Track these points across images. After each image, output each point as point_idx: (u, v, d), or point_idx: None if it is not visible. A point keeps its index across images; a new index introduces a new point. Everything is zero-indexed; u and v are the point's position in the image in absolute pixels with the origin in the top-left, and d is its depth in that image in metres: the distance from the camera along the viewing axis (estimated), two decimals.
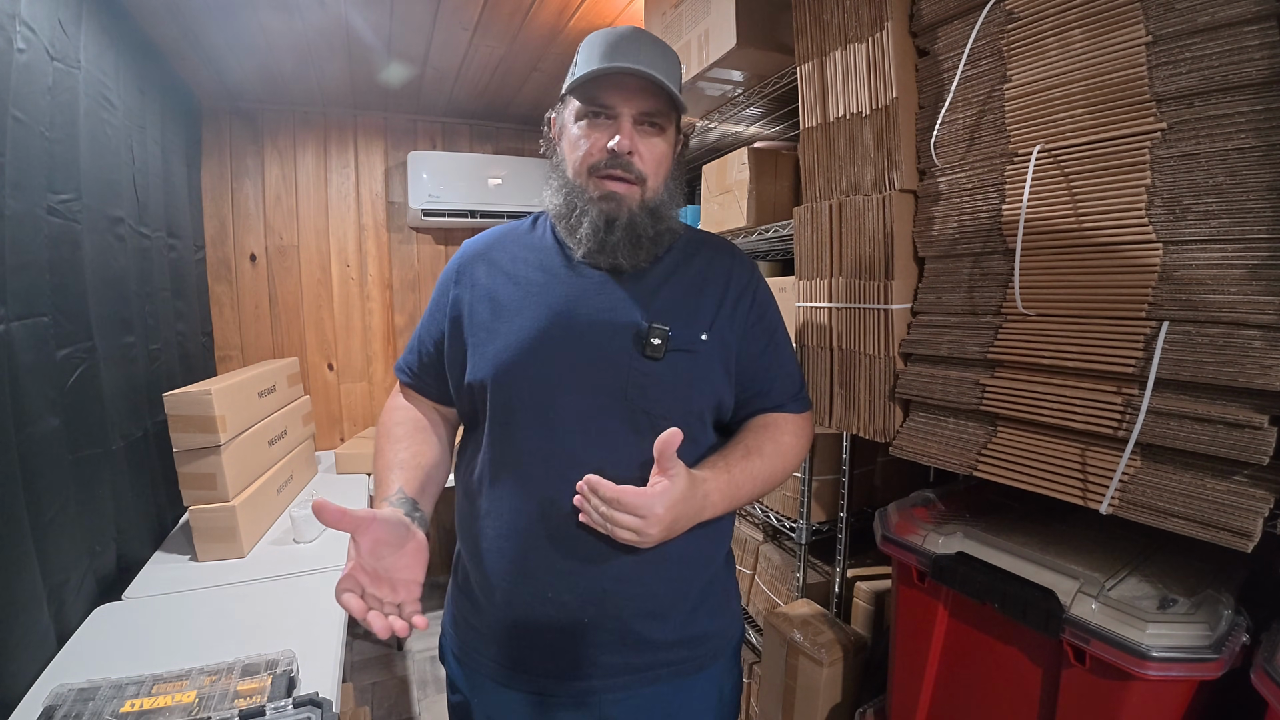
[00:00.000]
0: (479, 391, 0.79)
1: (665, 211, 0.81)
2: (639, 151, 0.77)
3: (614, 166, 0.76)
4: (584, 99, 0.77)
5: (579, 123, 0.78)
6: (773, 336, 0.88)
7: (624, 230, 0.77)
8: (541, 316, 0.78)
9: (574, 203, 0.79)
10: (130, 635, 1.20)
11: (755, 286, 0.88)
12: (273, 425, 1.83)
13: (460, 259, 0.88)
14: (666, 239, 0.83)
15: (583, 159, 0.78)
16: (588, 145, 0.77)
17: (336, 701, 1.00)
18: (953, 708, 0.93)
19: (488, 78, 2.22)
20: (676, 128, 0.83)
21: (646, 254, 0.80)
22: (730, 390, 0.84)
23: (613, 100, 0.76)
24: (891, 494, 1.18)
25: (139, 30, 1.70)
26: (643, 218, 0.78)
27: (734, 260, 0.89)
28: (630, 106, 0.76)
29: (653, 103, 0.77)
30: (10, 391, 1.03)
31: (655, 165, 0.79)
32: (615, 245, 0.78)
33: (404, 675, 2.26)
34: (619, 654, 0.79)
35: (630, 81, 0.75)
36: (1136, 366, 0.72)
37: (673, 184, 0.84)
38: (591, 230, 0.77)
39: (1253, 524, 0.62)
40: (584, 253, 0.80)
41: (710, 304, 0.82)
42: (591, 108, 0.77)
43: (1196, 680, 0.69)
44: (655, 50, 0.77)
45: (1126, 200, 0.74)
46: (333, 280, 2.58)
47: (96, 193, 1.39)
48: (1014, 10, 0.84)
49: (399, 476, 0.78)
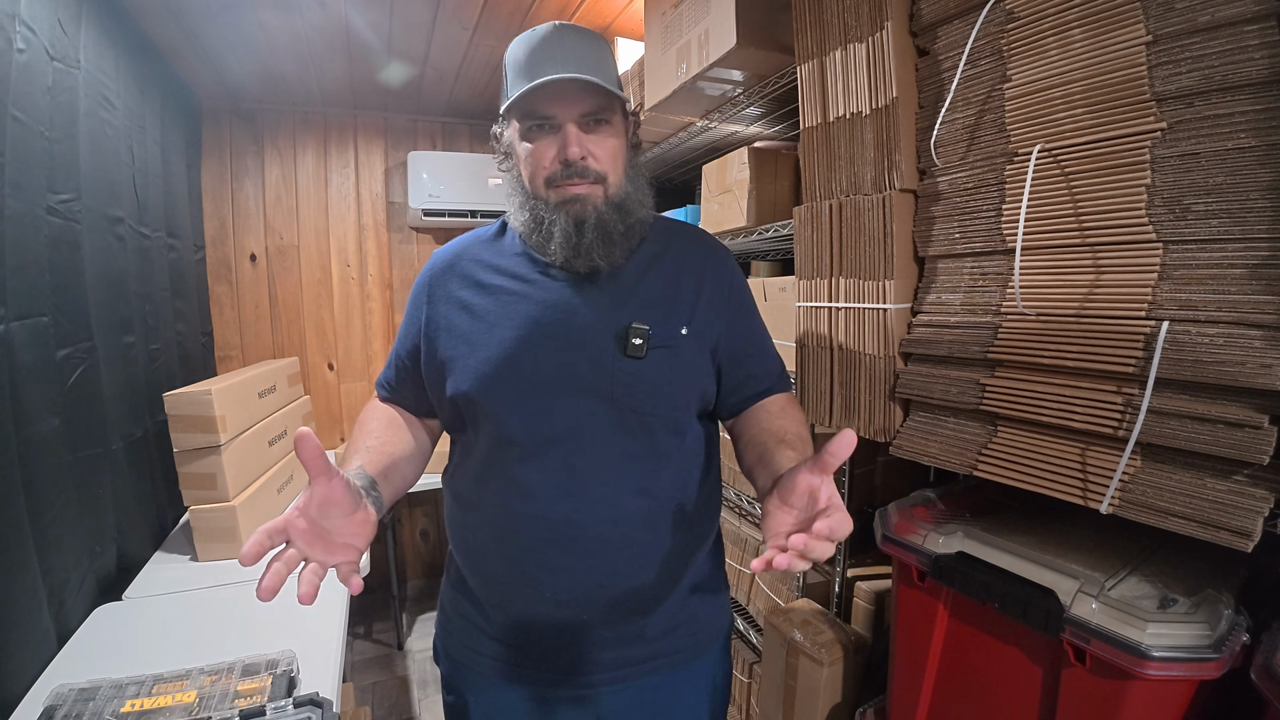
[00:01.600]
0: (464, 403, 0.79)
1: (631, 204, 0.80)
2: (591, 153, 0.76)
3: (570, 176, 0.75)
4: (522, 115, 0.76)
5: (524, 141, 0.77)
6: (751, 321, 0.89)
7: (594, 230, 0.77)
8: (522, 325, 0.78)
9: (540, 216, 0.78)
10: (130, 635, 1.20)
11: (731, 275, 0.88)
12: (273, 425, 1.83)
13: (430, 272, 0.87)
14: (638, 231, 0.82)
15: (536, 174, 0.77)
16: (537, 160, 0.76)
17: (337, 701, 1.00)
18: (953, 707, 0.93)
19: (488, 77, 2.22)
20: (624, 114, 0.81)
21: (621, 250, 0.80)
22: (714, 380, 0.84)
23: (551, 109, 0.74)
24: (891, 494, 1.18)
25: (139, 30, 1.70)
26: (610, 214, 0.78)
27: (708, 250, 0.88)
28: (569, 111, 0.74)
29: (591, 101, 0.75)
30: (10, 391, 1.03)
31: (611, 160, 0.78)
32: (589, 247, 0.77)
33: (404, 675, 2.26)
34: (615, 648, 0.79)
35: (563, 86, 0.73)
36: (1136, 366, 0.72)
37: (633, 173, 0.82)
38: (564, 238, 0.77)
39: (1253, 523, 0.62)
40: (561, 261, 0.79)
41: (688, 296, 0.82)
42: (532, 121, 0.76)
43: (1197, 680, 0.69)
44: (580, 45, 0.75)
45: (1126, 200, 0.74)
46: (333, 280, 2.58)
47: (96, 193, 1.39)
48: (1014, 10, 0.84)
49: (362, 458, 0.76)
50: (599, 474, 0.76)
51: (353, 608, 1.38)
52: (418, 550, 2.85)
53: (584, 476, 0.76)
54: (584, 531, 0.75)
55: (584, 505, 0.75)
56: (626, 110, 0.82)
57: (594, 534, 0.75)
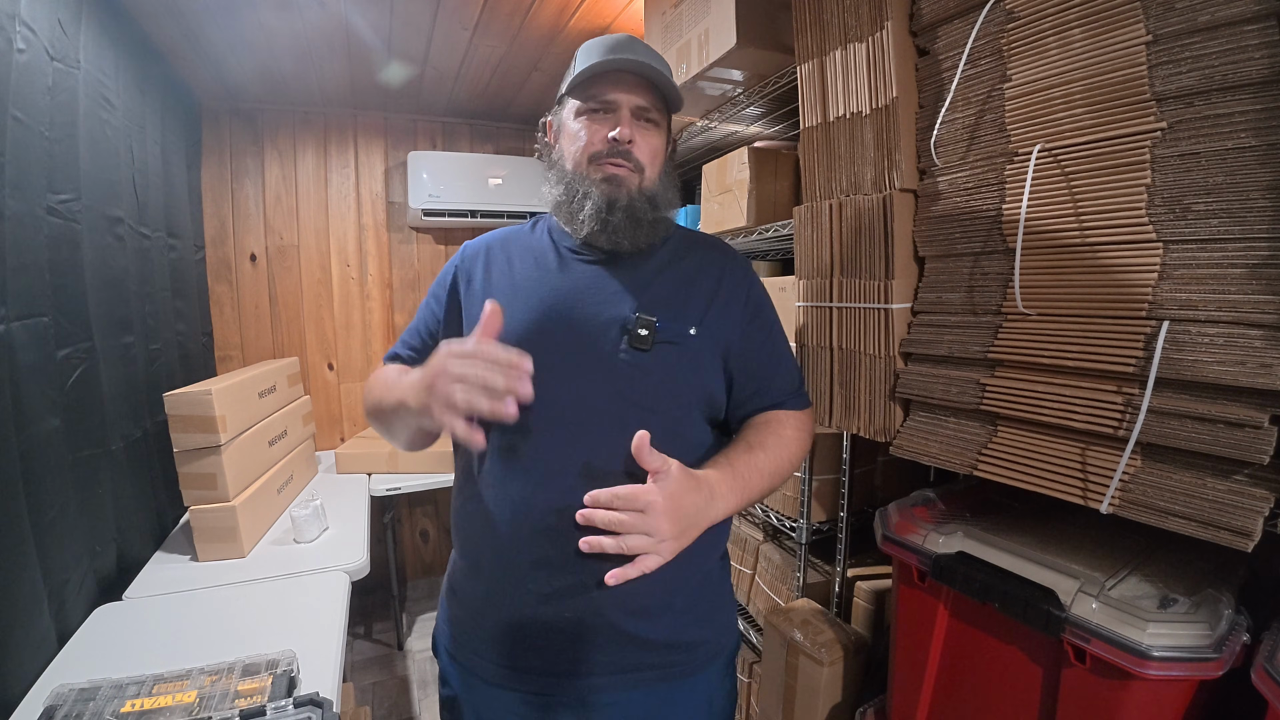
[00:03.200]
0: None
1: (661, 201, 0.85)
2: (637, 142, 0.82)
3: (614, 155, 0.81)
4: (583, 97, 0.82)
5: (579, 119, 0.83)
6: (770, 334, 0.89)
7: (624, 211, 0.81)
8: (534, 309, 0.81)
9: (575, 189, 0.82)
10: (131, 635, 1.20)
11: (750, 285, 0.89)
12: (273, 425, 1.83)
13: (461, 257, 0.92)
14: (663, 227, 0.86)
15: (583, 149, 0.82)
16: (588, 136, 0.82)
17: (337, 701, 1.00)
18: (953, 707, 0.93)
19: (488, 77, 2.22)
20: (669, 126, 0.88)
21: (645, 235, 0.84)
22: (722, 386, 0.84)
23: (611, 95, 0.81)
24: (891, 493, 1.18)
25: (139, 30, 1.70)
26: (641, 201, 0.82)
27: (728, 258, 0.90)
28: (628, 100, 0.81)
29: (649, 98, 0.82)
30: (10, 392, 1.03)
31: (651, 156, 0.84)
32: (617, 225, 0.81)
33: (404, 675, 2.26)
34: (609, 653, 0.78)
35: (627, 78, 0.80)
36: (1137, 366, 0.72)
37: (667, 179, 0.87)
38: (594, 211, 0.81)
39: (1253, 523, 0.62)
40: (586, 234, 0.83)
41: (701, 300, 0.84)
42: (591, 104, 0.82)
43: (1197, 680, 0.69)
44: (651, 54, 0.83)
45: (1127, 200, 0.74)
46: (333, 280, 2.58)
47: (96, 193, 1.39)
48: (1014, 9, 0.84)
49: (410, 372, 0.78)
50: (595, 465, 0.75)
51: (353, 608, 1.39)
52: (418, 550, 2.85)
53: (579, 465, 0.75)
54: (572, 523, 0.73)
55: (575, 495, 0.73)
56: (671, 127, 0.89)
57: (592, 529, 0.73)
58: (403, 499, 2.62)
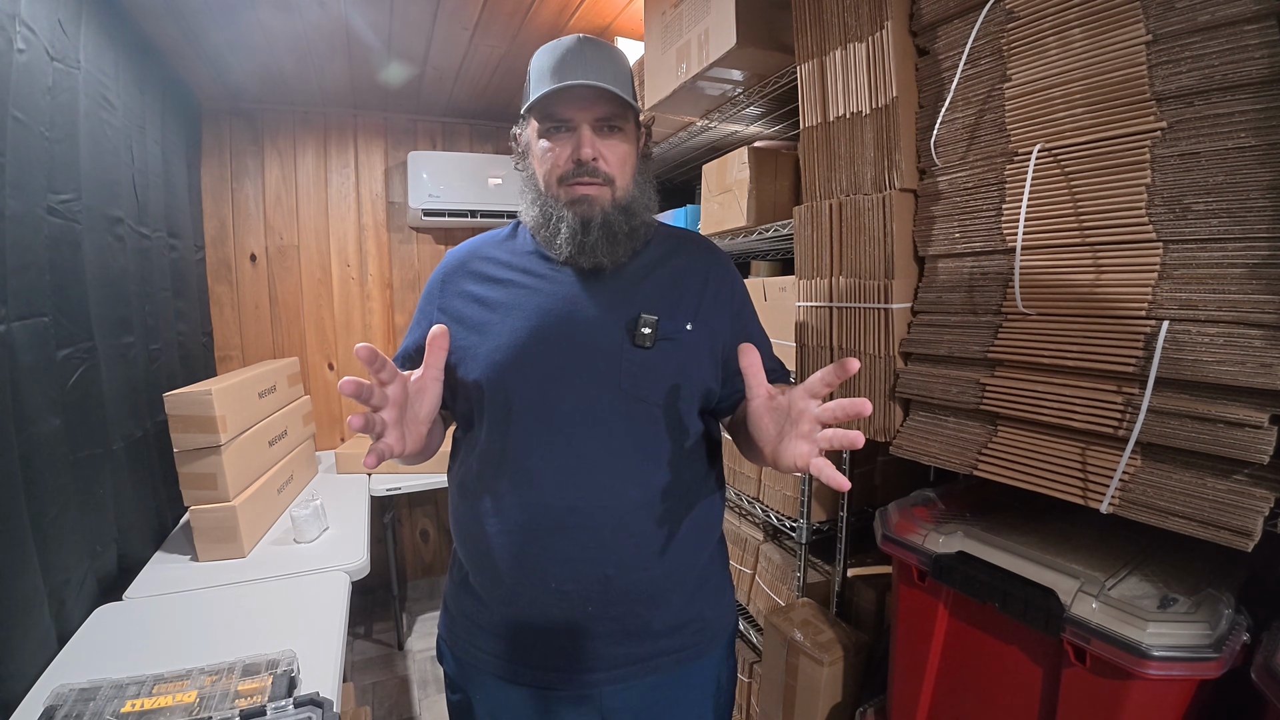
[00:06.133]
0: (474, 391, 0.81)
1: (637, 207, 0.85)
2: (602, 155, 0.81)
3: (581, 174, 0.80)
4: (541, 117, 0.82)
5: (541, 140, 0.82)
6: (753, 325, 0.93)
7: (600, 230, 0.81)
8: (533, 315, 0.82)
9: (549, 212, 0.83)
10: (131, 635, 1.20)
11: (734, 280, 0.92)
12: (273, 425, 1.83)
13: (444, 270, 0.91)
14: (642, 233, 0.86)
15: (551, 171, 0.82)
16: (554, 158, 0.82)
17: (337, 701, 1.00)
18: (953, 707, 0.93)
19: (488, 77, 2.22)
20: (636, 124, 0.87)
21: (624, 249, 0.84)
22: (718, 377, 0.86)
23: (568, 113, 0.79)
24: (892, 493, 1.18)
25: (139, 30, 1.70)
26: (615, 215, 0.82)
27: (710, 255, 0.92)
28: (586, 115, 0.80)
29: (606, 108, 0.80)
30: (10, 392, 1.03)
31: (620, 165, 0.83)
32: (594, 245, 0.81)
33: (404, 675, 2.26)
34: (621, 644, 0.80)
35: (582, 92, 0.78)
36: (1137, 366, 0.72)
37: (641, 179, 0.87)
38: (569, 234, 0.81)
39: (1253, 523, 0.62)
40: (565, 257, 0.83)
41: (693, 295, 0.86)
42: (551, 123, 0.81)
43: (1197, 679, 0.69)
44: (602, 57, 0.80)
45: (1127, 199, 0.74)
46: (333, 280, 2.58)
47: (96, 193, 1.39)
48: (1014, 9, 0.84)
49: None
50: (605, 463, 0.77)
51: (353, 608, 1.39)
52: (418, 550, 2.85)
53: (590, 464, 0.77)
54: (589, 519, 0.76)
55: (590, 493, 0.77)
56: (639, 120, 0.87)
57: (598, 522, 0.76)
58: (403, 499, 2.62)
